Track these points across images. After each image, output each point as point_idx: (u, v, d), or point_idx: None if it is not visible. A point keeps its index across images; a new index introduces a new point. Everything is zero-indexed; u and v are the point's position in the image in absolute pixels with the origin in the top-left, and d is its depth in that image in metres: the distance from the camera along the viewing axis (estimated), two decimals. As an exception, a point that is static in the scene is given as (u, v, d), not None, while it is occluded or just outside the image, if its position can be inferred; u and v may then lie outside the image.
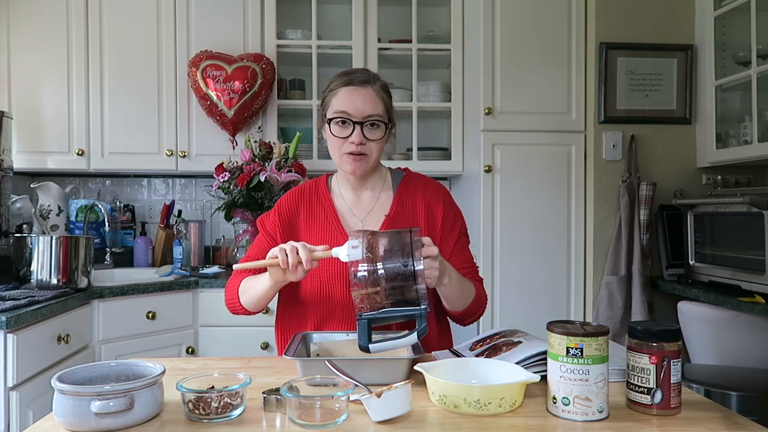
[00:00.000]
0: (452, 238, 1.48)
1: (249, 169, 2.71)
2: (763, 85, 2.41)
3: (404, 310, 1.10)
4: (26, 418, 1.83)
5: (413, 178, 1.55)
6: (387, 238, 1.13)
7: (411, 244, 1.11)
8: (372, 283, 1.10)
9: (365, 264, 1.10)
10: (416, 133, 2.95)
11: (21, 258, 2.15)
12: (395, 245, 1.11)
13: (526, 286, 2.73)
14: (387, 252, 1.11)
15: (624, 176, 2.71)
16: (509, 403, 0.98)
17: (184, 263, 2.93)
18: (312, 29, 2.93)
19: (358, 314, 1.11)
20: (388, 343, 1.11)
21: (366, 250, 1.11)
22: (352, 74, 1.41)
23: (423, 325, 1.10)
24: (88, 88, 2.82)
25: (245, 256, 1.53)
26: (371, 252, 1.11)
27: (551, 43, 2.74)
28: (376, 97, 1.39)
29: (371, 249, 1.11)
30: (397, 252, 1.11)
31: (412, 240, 1.11)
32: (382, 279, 1.09)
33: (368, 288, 1.10)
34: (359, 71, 1.43)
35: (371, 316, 1.10)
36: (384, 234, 1.14)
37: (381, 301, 1.10)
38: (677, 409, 0.98)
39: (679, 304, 2.40)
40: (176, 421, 0.95)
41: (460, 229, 1.50)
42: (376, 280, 1.10)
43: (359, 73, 1.41)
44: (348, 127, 1.38)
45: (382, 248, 1.11)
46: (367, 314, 1.10)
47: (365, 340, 1.10)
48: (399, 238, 1.12)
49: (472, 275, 1.47)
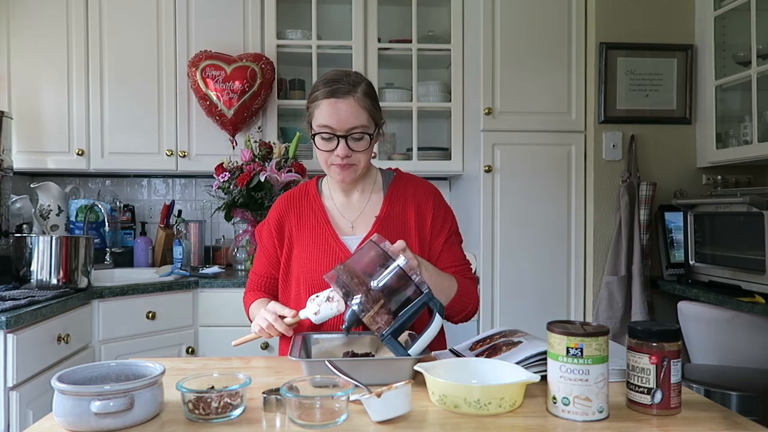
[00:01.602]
0: (442, 237, 1.48)
1: (249, 169, 2.71)
2: (763, 85, 2.41)
3: (414, 305, 1.14)
4: (26, 418, 1.83)
5: (403, 178, 1.55)
6: (359, 258, 1.18)
7: (381, 248, 1.16)
8: (373, 301, 1.13)
9: (356, 289, 1.15)
10: (416, 133, 2.95)
11: (21, 258, 2.15)
12: (369, 259, 1.16)
13: (526, 286, 2.73)
14: (366, 268, 1.16)
15: (624, 176, 2.71)
16: (509, 403, 0.98)
17: (184, 263, 2.93)
18: (312, 29, 2.93)
19: (380, 335, 1.13)
20: (422, 339, 1.14)
21: (344, 285, 1.16)
22: (335, 84, 1.37)
23: (438, 304, 1.15)
24: (88, 89, 2.82)
25: (252, 270, 1.58)
26: (355, 277, 1.15)
27: (551, 43, 2.74)
28: (358, 107, 1.36)
29: (352, 275, 1.16)
30: (375, 262, 1.16)
31: (379, 246, 1.16)
32: (378, 293, 1.14)
33: (373, 307, 1.13)
34: (341, 79, 1.38)
35: (392, 329, 1.13)
36: (354, 258, 1.19)
37: (389, 311, 1.14)
38: (677, 409, 0.98)
39: (679, 304, 2.40)
40: (176, 421, 0.95)
41: (450, 228, 1.51)
42: (375, 298, 1.14)
43: (341, 82, 1.37)
44: (332, 141, 1.38)
45: (360, 269, 1.16)
46: (387, 330, 1.13)
47: (401, 351, 1.13)
48: (368, 252, 1.17)
49: (462, 273, 1.47)
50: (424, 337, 1.14)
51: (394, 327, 1.13)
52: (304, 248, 1.46)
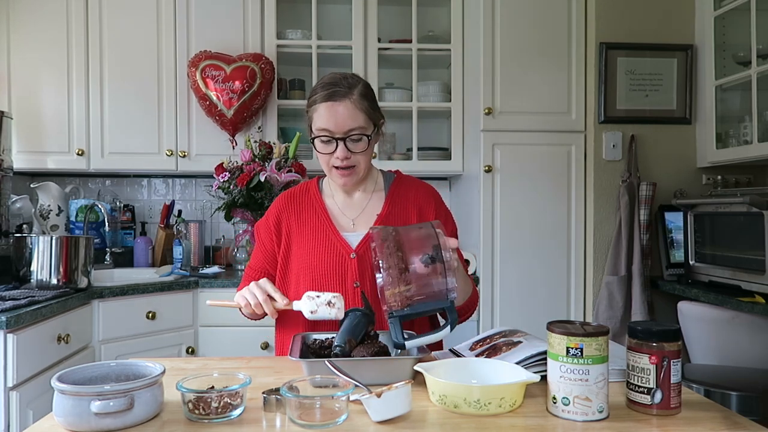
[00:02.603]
0: None
1: (249, 169, 2.71)
2: (763, 85, 2.41)
3: (434, 305, 1.13)
4: (26, 418, 1.83)
5: (404, 180, 1.56)
6: (409, 233, 1.15)
7: (437, 236, 1.13)
8: (403, 282, 1.11)
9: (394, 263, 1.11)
10: (416, 133, 2.95)
11: (21, 258, 2.15)
12: (419, 240, 1.14)
13: (526, 286, 2.73)
14: (412, 247, 1.13)
15: (624, 176, 2.71)
16: (509, 403, 0.98)
17: (184, 263, 2.93)
18: (312, 29, 2.93)
19: (389, 312, 1.12)
20: (422, 338, 1.13)
21: (383, 250, 1.13)
22: (331, 87, 1.38)
23: (455, 317, 1.13)
24: (88, 88, 2.82)
25: (248, 266, 1.57)
26: (400, 250, 1.13)
27: (551, 43, 2.74)
28: (356, 109, 1.38)
29: (398, 246, 1.13)
30: (423, 245, 1.13)
31: (436, 231, 1.14)
32: (411, 276, 1.11)
33: (399, 287, 1.11)
34: (338, 82, 1.39)
35: (403, 314, 1.12)
36: (405, 230, 1.17)
37: (412, 297, 1.12)
38: (677, 409, 0.98)
39: (679, 304, 2.40)
40: (176, 421, 0.95)
41: (451, 232, 1.52)
42: (406, 280, 1.11)
43: (339, 85, 1.38)
44: (331, 144, 1.40)
45: (407, 244, 1.13)
46: (398, 311, 1.12)
47: (400, 336, 1.12)
48: (421, 231, 1.15)
49: None
50: (426, 338, 1.13)
51: (405, 312, 1.12)
52: (305, 244, 1.47)
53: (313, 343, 1.25)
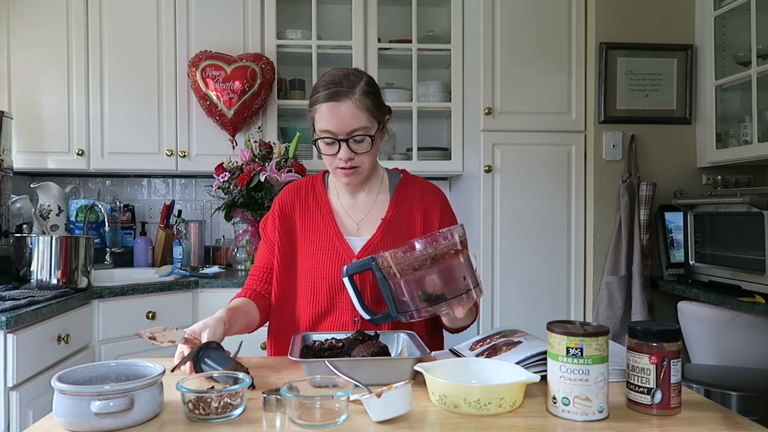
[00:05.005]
0: None
1: (249, 169, 2.71)
2: (763, 85, 2.41)
3: (390, 300, 1.19)
4: (26, 418, 1.83)
5: (410, 180, 1.54)
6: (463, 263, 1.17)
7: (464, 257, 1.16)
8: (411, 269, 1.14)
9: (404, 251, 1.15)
10: (416, 133, 2.95)
11: (21, 258, 2.15)
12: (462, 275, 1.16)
13: (526, 286, 2.72)
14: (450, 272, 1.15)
15: (624, 176, 2.71)
16: (509, 403, 0.98)
17: (184, 263, 2.93)
18: (312, 29, 2.93)
19: (372, 258, 1.19)
20: (353, 295, 1.25)
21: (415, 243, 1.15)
22: (333, 87, 1.35)
23: (383, 321, 1.22)
24: (88, 88, 2.82)
25: (252, 267, 1.55)
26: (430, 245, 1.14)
27: (551, 43, 2.74)
28: (357, 109, 1.34)
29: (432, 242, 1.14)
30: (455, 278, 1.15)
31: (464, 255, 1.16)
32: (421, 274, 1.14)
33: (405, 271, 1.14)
34: (340, 81, 1.36)
35: (376, 270, 1.18)
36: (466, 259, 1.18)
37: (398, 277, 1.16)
38: (677, 409, 0.98)
39: (679, 304, 2.40)
40: (176, 421, 0.95)
41: None
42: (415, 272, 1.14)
43: (340, 84, 1.35)
44: (334, 145, 1.37)
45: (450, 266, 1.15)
46: (377, 266, 1.17)
47: (352, 271, 1.23)
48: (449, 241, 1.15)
49: None
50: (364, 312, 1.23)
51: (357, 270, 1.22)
52: (309, 245, 1.46)
53: (313, 344, 1.25)
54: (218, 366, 1.10)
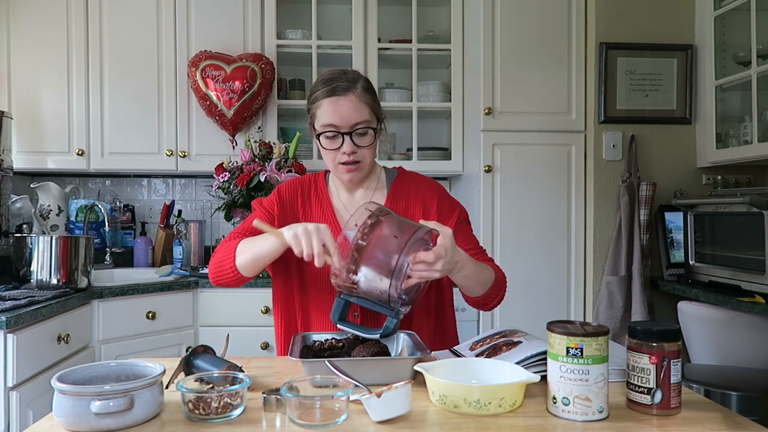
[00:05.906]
0: (450, 224, 1.44)
1: (249, 169, 2.71)
2: (763, 85, 2.41)
3: (378, 305, 1.20)
4: (26, 418, 1.83)
5: (407, 176, 1.55)
6: (392, 226, 1.16)
7: (405, 244, 1.13)
8: (351, 275, 1.15)
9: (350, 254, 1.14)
10: (416, 133, 2.95)
11: (21, 258, 2.15)
12: (394, 235, 1.14)
13: (527, 286, 2.72)
14: (383, 241, 1.14)
15: (624, 176, 2.71)
16: (509, 403, 0.98)
17: (184, 263, 2.93)
18: (312, 29, 2.93)
19: (339, 292, 1.21)
20: (355, 329, 1.23)
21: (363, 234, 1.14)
22: (334, 82, 1.37)
23: (391, 327, 1.20)
24: (88, 88, 2.82)
25: (242, 225, 1.47)
26: (365, 238, 1.14)
27: (551, 43, 2.74)
28: (360, 103, 1.36)
29: (399, 228, 1.15)
30: (392, 243, 1.14)
31: (409, 240, 1.13)
32: (360, 276, 1.14)
33: (347, 278, 1.15)
34: (339, 77, 1.38)
35: (347, 298, 1.22)
36: (392, 221, 1.17)
37: (357, 291, 1.17)
38: (677, 409, 0.98)
39: (679, 304, 2.40)
40: (176, 421, 0.95)
41: (459, 215, 1.49)
42: (353, 275, 1.15)
43: (340, 80, 1.37)
44: (337, 139, 1.38)
45: (380, 236, 1.14)
46: (345, 296, 1.22)
47: (336, 316, 1.23)
48: (404, 228, 1.15)
49: (481, 256, 1.45)
50: (358, 332, 1.22)
51: (350, 299, 1.22)
52: None
53: (313, 344, 1.25)
54: (211, 369, 1.10)
